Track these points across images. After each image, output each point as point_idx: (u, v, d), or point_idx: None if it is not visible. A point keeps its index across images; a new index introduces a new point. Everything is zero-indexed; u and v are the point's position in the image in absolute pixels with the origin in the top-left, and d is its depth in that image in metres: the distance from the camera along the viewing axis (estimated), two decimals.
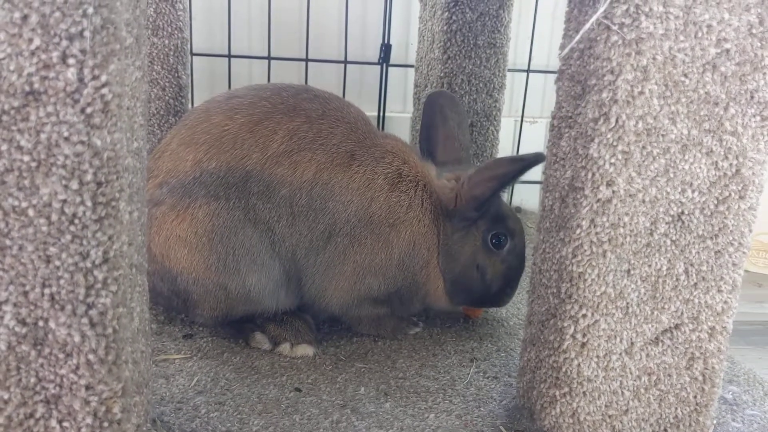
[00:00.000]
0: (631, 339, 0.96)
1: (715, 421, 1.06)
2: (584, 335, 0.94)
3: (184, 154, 1.21)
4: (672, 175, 0.89)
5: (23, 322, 0.73)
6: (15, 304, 0.73)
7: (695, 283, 0.95)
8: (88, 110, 0.69)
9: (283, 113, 1.23)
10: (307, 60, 2.09)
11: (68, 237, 0.71)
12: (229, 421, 1.03)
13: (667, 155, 0.88)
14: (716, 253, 0.94)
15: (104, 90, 0.69)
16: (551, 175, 0.96)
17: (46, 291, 0.73)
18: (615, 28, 0.83)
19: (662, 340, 0.97)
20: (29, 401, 0.76)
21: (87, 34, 0.67)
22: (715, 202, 0.92)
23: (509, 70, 1.87)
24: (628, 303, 0.94)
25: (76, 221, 0.71)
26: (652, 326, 0.96)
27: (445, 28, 1.72)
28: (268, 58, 2.08)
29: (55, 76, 0.67)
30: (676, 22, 0.83)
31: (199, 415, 1.04)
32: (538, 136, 2.37)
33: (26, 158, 0.69)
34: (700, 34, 0.85)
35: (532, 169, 1.21)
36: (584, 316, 0.93)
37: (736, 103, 0.88)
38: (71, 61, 0.67)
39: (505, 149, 2.04)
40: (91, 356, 0.76)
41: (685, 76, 0.86)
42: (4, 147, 0.68)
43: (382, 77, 2.16)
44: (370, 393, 1.14)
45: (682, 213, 0.91)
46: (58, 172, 0.69)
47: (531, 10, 2.15)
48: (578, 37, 0.86)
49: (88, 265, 0.73)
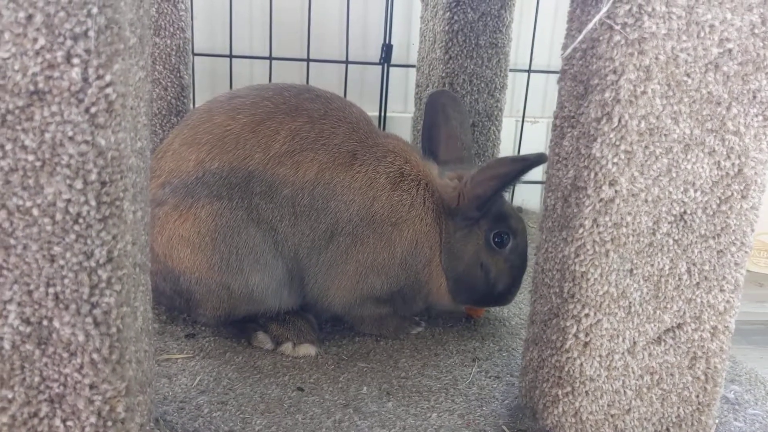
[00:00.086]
0: (633, 338, 0.96)
1: (717, 421, 1.06)
2: (587, 335, 0.94)
3: (186, 154, 1.22)
4: (674, 174, 0.90)
5: (27, 321, 0.73)
6: (19, 303, 0.73)
7: (697, 283, 0.95)
8: (93, 110, 0.69)
9: (286, 113, 1.23)
10: (309, 60, 2.09)
11: (72, 236, 0.72)
12: (231, 420, 1.03)
13: (669, 155, 0.88)
14: (718, 252, 0.94)
15: (108, 90, 0.69)
16: (554, 174, 0.96)
17: (51, 290, 0.73)
18: (618, 27, 0.83)
19: (665, 340, 0.97)
20: (33, 400, 0.76)
21: (91, 33, 0.67)
22: (718, 201, 0.92)
23: (510, 71, 1.87)
24: (630, 302, 0.94)
25: (81, 220, 0.71)
26: (655, 326, 0.96)
27: (447, 28, 1.72)
28: (270, 58, 2.08)
29: (59, 76, 0.67)
30: (679, 22, 0.83)
31: (201, 414, 1.04)
32: (539, 136, 2.37)
33: (31, 158, 0.69)
34: (702, 34, 0.85)
35: (533, 169, 1.21)
36: (587, 315, 0.93)
37: (738, 102, 0.88)
38: (76, 60, 0.67)
39: (506, 149, 2.04)
40: (95, 355, 0.76)
41: (688, 75, 0.86)
42: (8, 146, 0.68)
43: (384, 77, 2.16)
44: (372, 392, 1.14)
45: (685, 212, 0.92)
46: (62, 172, 0.70)
47: (532, 11, 2.15)
48: (581, 37, 0.86)
49: (93, 264, 0.73)
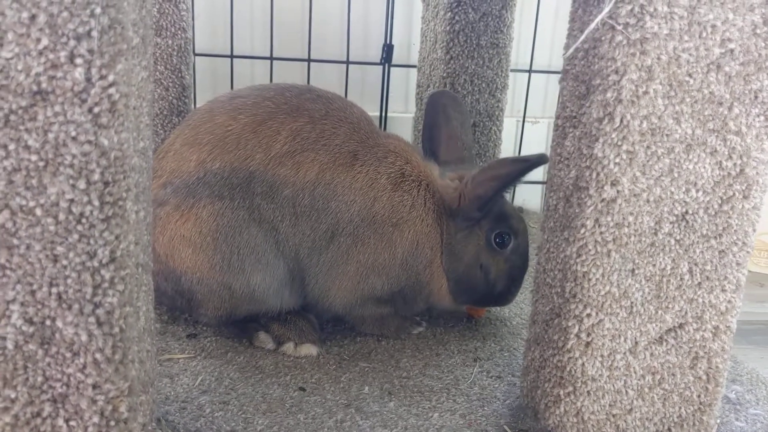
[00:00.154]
0: (635, 338, 0.96)
1: (718, 421, 1.06)
2: (588, 334, 0.94)
3: (187, 155, 1.22)
4: (676, 174, 0.90)
5: (30, 321, 0.73)
6: (22, 303, 0.73)
7: (699, 283, 0.95)
8: (96, 110, 0.69)
9: (287, 113, 1.23)
10: (310, 60, 2.09)
11: (75, 236, 0.72)
12: (233, 420, 1.04)
13: (671, 155, 0.89)
14: (720, 252, 0.95)
15: (111, 90, 0.69)
16: (555, 174, 0.96)
17: (54, 290, 0.73)
18: (620, 28, 0.83)
19: (666, 340, 0.97)
20: (36, 400, 0.76)
21: (95, 34, 0.67)
22: (719, 201, 0.92)
23: (511, 71, 1.87)
24: (632, 302, 0.94)
25: (84, 220, 0.71)
26: (657, 325, 0.96)
27: (448, 28, 1.72)
28: (271, 58, 2.08)
29: (62, 76, 0.67)
30: (681, 22, 0.83)
31: (203, 414, 1.05)
32: (539, 136, 2.38)
33: (34, 158, 0.69)
34: (704, 34, 0.85)
35: (534, 170, 1.21)
36: (588, 315, 0.93)
37: (740, 102, 0.88)
38: (79, 60, 0.67)
39: (507, 149, 2.05)
40: (98, 355, 0.76)
41: (690, 75, 0.86)
42: (12, 146, 0.68)
43: (384, 77, 2.17)
44: (374, 392, 1.14)
45: (687, 212, 0.92)
46: (65, 172, 0.70)
47: (533, 11, 2.15)
48: (583, 37, 0.86)
49: (96, 264, 0.73)
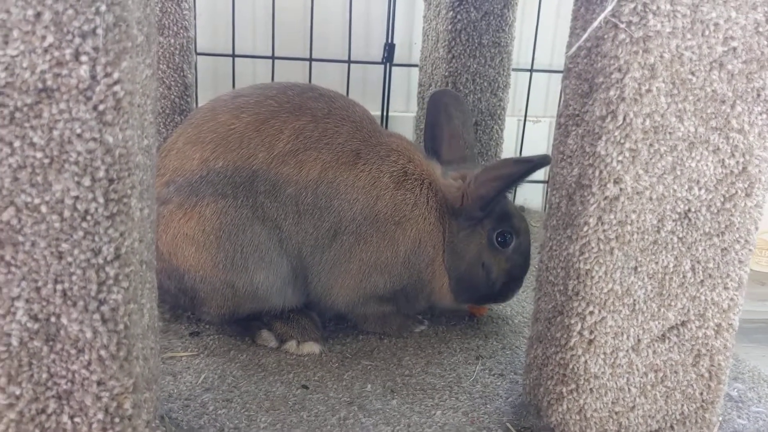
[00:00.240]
0: (637, 336, 0.96)
1: (720, 418, 1.07)
2: (591, 332, 0.94)
3: (190, 153, 1.22)
4: (679, 172, 0.90)
5: (35, 318, 0.74)
6: (27, 300, 0.73)
7: (702, 281, 0.95)
8: (101, 107, 0.69)
9: (289, 112, 1.23)
10: (311, 59, 2.10)
11: (80, 233, 0.72)
12: (236, 417, 1.04)
13: (674, 153, 0.89)
14: (723, 250, 0.95)
15: (116, 87, 0.69)
16: (558, 173, 0.97)
17: (59, 287, 0.73)
18: (623, 26, 0.83)
19: (669, 337, 0.97)
20: (41, 397, 0.77)
21: (100, 31, 0.67)
22: (722, 199, 0.92)
23: (512, 70, 1.87)
24: (635, 300, 0.94)
25: (89, 218, 0.72)
26: (659, 323, 0.96)
27: (450, 27, 1.72)
28: (272, 57, 2.08)
29: (67, 74, 0.68)
30: (684, 21, 0.84)
31: (206, 411, 1.05)
32: (541, 135, 2.38)
33: (39, 155, 0.69)
34: (707, 33, 0.85)
35: None
36: (591, 313, 0.94)
37: (742, 101, 0.89)
38: (84, 58, 0.67)
39: (508, 148, 2.05)
40: (102, 352, 0.76)
41: (692, 74, 0.86)
42: (17, 144, 0.68)
43: (386, 77, 2.17)
44: (376, 390, 1.15)
45: (689, 210, 0.92)
46: (70, 169, 0.70)
47: (534, 10, 2.15)
48: (586, 35, 0.86)
49: (100, 261, 0.73)
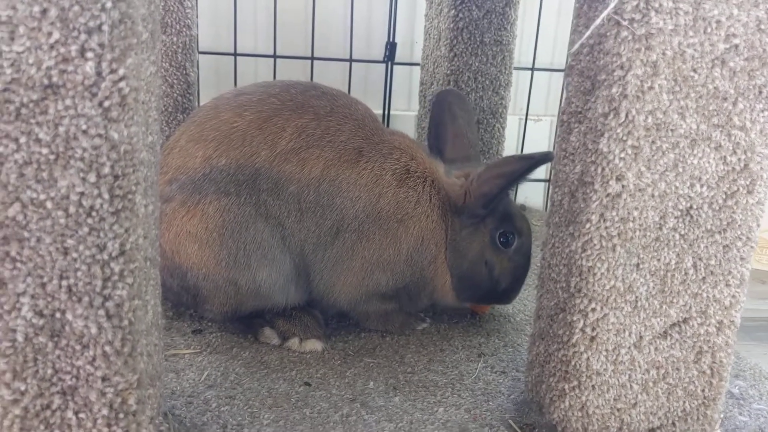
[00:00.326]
0: (639, 333, 0.96)
1: (722, 415, 1.07)
2: (593, 329, 0.95)
3: (193, 151, 1.22)
4: (681, 169, 0.90)
5: (41, 314, 0.74)
6: (32, 296, 0.73)
7: (703, 278, 0.96)
8: (106, 104, 0.70)
9: (292, 110, 1.24)
10: (313, 58, 2.10)
11: (85, 229, 0.72)
12: (239, 414, 1.04)
13: (676, 150, 0.89)
14: (724, 247, 0.95)
15: (122, 84, 0.70)
16: (561, 170, 0.97)
17: (64, 283, 0.73)
18: (625, 23, 0.83)
19: (671, 334, 0.97)
20: (46, 392, 0.77)
21: (105, 28, 0.68)
22: (724, 196, 0.93)
23: (514, 69, 1.87)
24: (637, 297, 0.94)
25: (94, 213, 0.72)
26: (661, 320, 0.96)
27: (452, 25, 1.72)
28: (274, 56, 2.08)
29: (73, 70, 0.68)
30: (686, 18, 0.84)
31: (209, 408, 1.05)
32: (542, 134, 2.38)
33: (45, 151, 0.69)
34: (709, 30, 0.85)
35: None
36: (593, 310, 0.94)
37: (744, 98, 0.89)
38: (90, 54, 0.68)
39: (509, 147, 2.05)
40: (107, 348, 0.76)
41: (695, 71, 0.86)
42: (23, 140, 0.69)
43: (387, 75, 2.17)
44: (379, 387, 1.15)
45: (691, 207, 0.92)
46: (76, 165, 0.70)
47: (535, 9, 2.15)
48: (589, 32, 0.87)
49: (105, 257, 0.74)
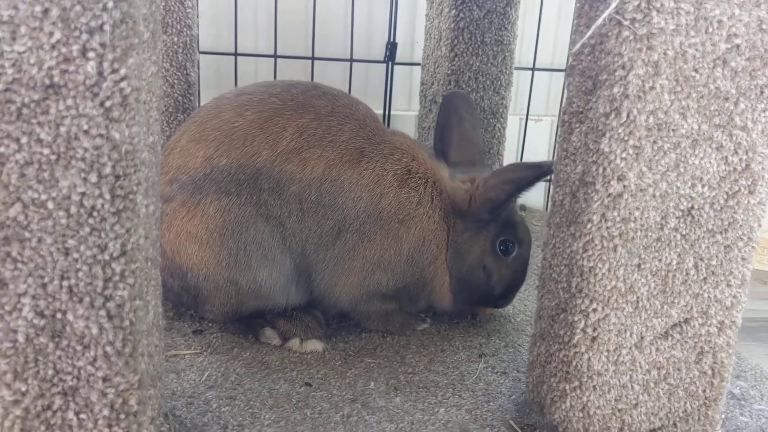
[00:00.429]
0: (641, 333, 0.96)
1: (723, 416, 1.07)
2: (594, 329, 0.95)
3: (194, 151, 1.22)
4: (682, 169, 0.90)
5: (41, 314, 0.74)
6: (33, 297, 0.73)
7: (705, 278, 0.96)
8: (107, 104, 0.70)
9: (293, 110, 1.23)
10: (313, 58, 2.10)
11: (87, 229, 0.72)
12: (240, 415, 1.04)
13: (677, 150, 0.89)
14: (726, 247, 0.95)
15: (123, 84, 0.70)
16: (562, 170, 0.97)
17: (65, 283, 0.73)
18: (626, 23, 0.83)
19: (672, 335, 0.97)
20: (47, 393, 0.77)
21: (107, 28, 0.67)
22: (725, 196, 0.92)
23: (514, 69, 1.87)
24: (638, 297, 0.94)
25: (95, 214, 0.72)
26: (662, 320, 0.96)
27: (453, 25, 1.72)
28: (275, 56, 2.08)
29: (75, 70, 0.68)
30: (687, 18, 0.84)
31: (210, 409, 1.05)
32: (542, 134, 2.38)
33: (46, 151, 0.69)
34: (710, 30, 0.85)
35: None
36: (594, 310, 0.94)
37: (746, 98, 0.89)
38: (91, 54, 0.68)
39: (510, 147, 2.05)
40: (108, 348, 0.76)
41: (696, 71, 0.86)
42: (24, 140, 0.68)
43: (388, 75, 2.17)
44: (379, 388, 1.15)
45: (692, 207, 0.92)
46: (77, 165, 0.70)
47: (536, 9, 2.15)
48: (590, 32, 0.87)
49: (106, 257, 0.74)
